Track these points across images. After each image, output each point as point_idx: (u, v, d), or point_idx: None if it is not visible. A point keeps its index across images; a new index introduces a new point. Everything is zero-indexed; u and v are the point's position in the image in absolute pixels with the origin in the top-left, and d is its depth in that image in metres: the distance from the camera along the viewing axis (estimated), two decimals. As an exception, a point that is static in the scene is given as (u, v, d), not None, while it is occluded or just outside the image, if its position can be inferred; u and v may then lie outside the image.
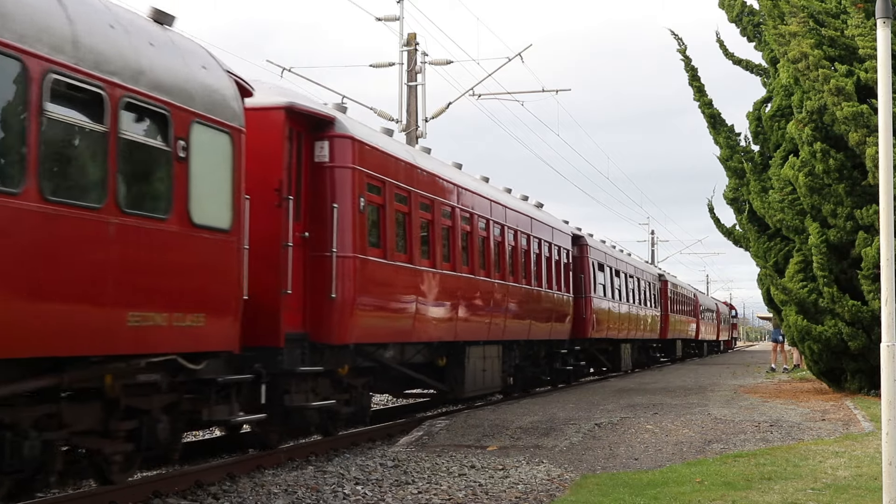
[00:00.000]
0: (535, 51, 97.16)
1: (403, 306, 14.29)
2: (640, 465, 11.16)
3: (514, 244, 19.66)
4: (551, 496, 9.30)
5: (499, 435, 13.70)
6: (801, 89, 20.50)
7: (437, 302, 15.46)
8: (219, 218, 9.38)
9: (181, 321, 8.80)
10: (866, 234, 19.33)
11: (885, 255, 7.53)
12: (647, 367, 38.12)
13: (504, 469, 10.77)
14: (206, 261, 9.24)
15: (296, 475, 10.55)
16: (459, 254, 16.52)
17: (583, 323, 25.10)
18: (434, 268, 15.36)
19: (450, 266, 16.10)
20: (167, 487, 9.53)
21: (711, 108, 24.61)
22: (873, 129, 17.60)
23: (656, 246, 71.50)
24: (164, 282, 8.59)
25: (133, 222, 8.14)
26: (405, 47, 26.41)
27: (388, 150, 14.00)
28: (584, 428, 14.37)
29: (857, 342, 19.94)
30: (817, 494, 8.96)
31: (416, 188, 14.81)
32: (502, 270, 18.70)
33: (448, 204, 16.18)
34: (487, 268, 17.87)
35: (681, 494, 9.00)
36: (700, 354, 56.05)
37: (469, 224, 17.12)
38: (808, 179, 20.02)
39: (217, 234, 9.34)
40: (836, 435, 13.67)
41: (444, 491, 9.47)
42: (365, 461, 11.40)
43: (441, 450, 12.40)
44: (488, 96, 29.18)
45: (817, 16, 20.51)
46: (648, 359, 38.92)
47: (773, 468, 10.52)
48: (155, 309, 8.43)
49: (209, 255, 9.26)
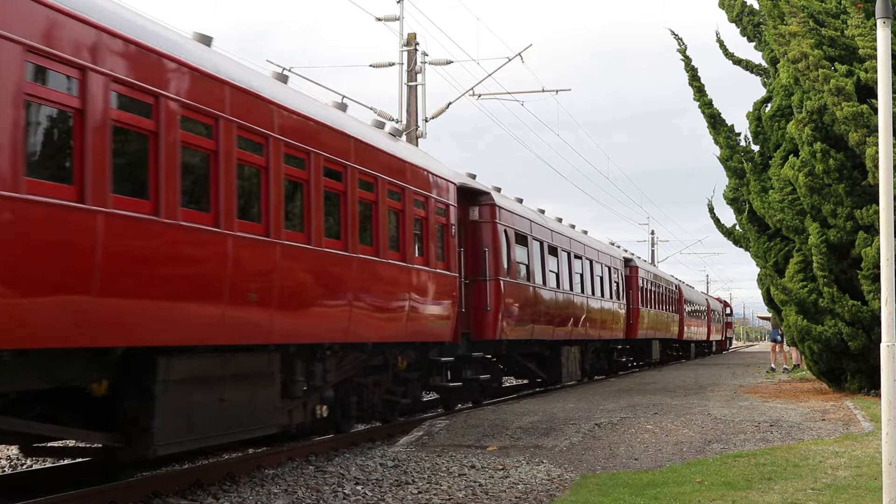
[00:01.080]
0: (535, 51, 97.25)
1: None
2: (640, 465, 11.16)
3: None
4: (551, 496, 9.30)
5: (499, 435, 13.70)
6: (801, 89, 20.50)
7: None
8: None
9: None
10: (866, 234, 19.33)
11: (885, 255, 7.53)
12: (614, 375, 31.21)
13: (504, 469, 10.77)
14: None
15: (296, 475, 10.56)
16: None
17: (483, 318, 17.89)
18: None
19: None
20: (167, 487, 9.53)
21: (711, 108, 24.61)
22: (873, 129, 17.60)
23: (656, 246, 71.59)
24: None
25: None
26: (405, 47, 26.41)
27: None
28: (584, 428, 14.36)
29: (857, 342, 19.93)
30: (817, 494, 8.96)
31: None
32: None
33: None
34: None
35: (681, 494, 9.00)
36: (686, 357, 50.22)
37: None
38: (808, 179, 20.02)
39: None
40: (836, 435, 13.67)
41: (444, 491, 9.47)
42: (365, 461, 11.40)
43: (441, 450, 12.40)
44: (488, 96, 29.20)
45: (817, 16, 20.51)
46: (611, 364, 30.99)
47: (773, 468, 10.51)
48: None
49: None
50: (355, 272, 12.38)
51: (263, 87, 10.69)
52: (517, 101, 29.82)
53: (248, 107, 10.15)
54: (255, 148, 10.28)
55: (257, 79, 10.80)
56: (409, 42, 26.46)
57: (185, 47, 9.47)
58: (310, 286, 11.45)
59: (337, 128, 12.18)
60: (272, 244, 10.42)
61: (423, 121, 26.50)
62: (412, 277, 14.23)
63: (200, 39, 10.15)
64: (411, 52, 26.42)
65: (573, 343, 24.39)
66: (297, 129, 11.13)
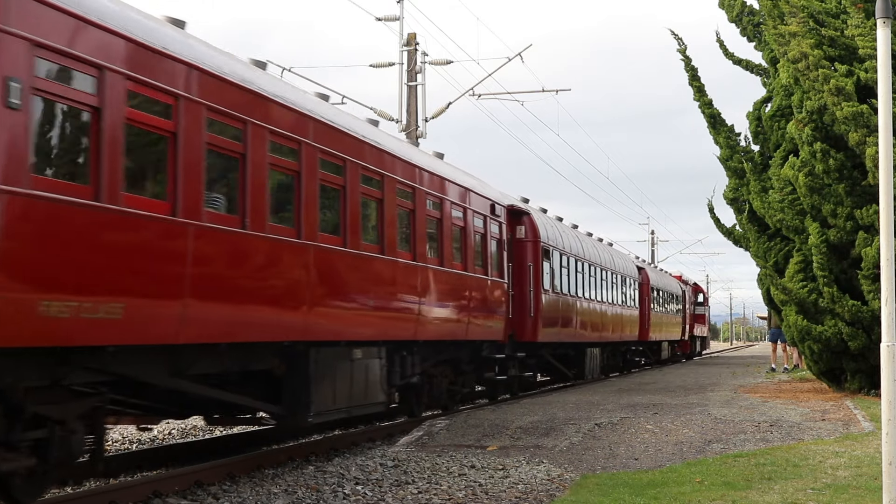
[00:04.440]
0: (535, 51, 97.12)
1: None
2: (640, 465, 11.16)
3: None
4: (551, 496, 9.30)
5: (499, 435, 13.70)
6: (801, 89, 20.49)
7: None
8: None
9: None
10: (866, 234, 19.33)
11: (885, 255, 7.53)
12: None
13: (504, 469, 10.77)
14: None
15: (296, 475, 10.56)
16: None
17: None
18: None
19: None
20: (167, 487, 9.54)
21: (711, 108, 24.62)
22: (873, 129, 17.60)
23: (656, 246, 71.56)
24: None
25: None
26: (405, 47, 26.41)
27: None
28: (584, 428, 14.36)
29: (857, 342, 19.94)
30: (817, 494, 8.96)
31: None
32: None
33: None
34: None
35: (681, 494, 9.00)
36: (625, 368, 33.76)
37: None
38: (808, 179, 20.02)
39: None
40: (836, 435, 13.67)
41: (444, 491, 9.47)
42: (365, 461, 11.39)
43: (441, 450, 12.39)
44: (488, 96, 29.18)
45: (817, 16, 20.51)
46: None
47: (773, 468, 10.51)
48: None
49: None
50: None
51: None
52: (517, 101, 29.82)
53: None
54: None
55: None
56: (409, 42, 26.46)
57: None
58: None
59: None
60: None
61: (423, 121, 26.50)
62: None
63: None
64: (411, 52, 26.41)
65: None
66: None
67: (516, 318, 19.84)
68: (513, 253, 20.03)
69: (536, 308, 20.47)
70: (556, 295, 22.49)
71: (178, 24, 9.72)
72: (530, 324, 20.29)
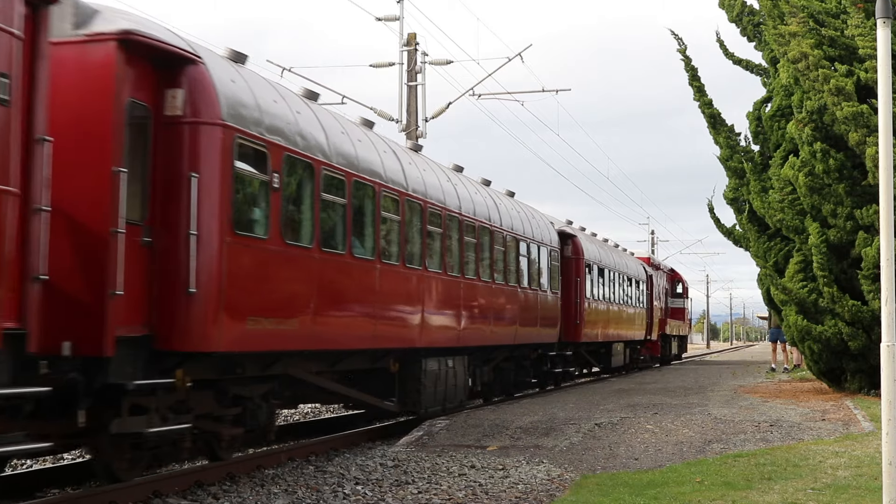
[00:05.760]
0: (534, 50, 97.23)
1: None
2: (640, 465, 11.16)
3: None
4: (551, 496, 9.30)
5: (499, 435, 13.70)
6: (801, 89, 20.50)
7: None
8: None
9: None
10: (866, 234, 19.33)
11: (885, 255, 7.53)
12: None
13: (504, 469, 10.77)
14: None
15: (296, 475, 10.56)
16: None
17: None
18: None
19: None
20: (167, 487, 9.54)
21: (711, 107, 24.61)
22: (873, 129, 17.60)
23: (656, 246, 71.49)
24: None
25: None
26: (405, 47, 26.40)
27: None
28: (584, 428, 14.37)
29: (857, 342, 19.94)
30: (817, 494, 8.96)
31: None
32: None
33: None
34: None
35: (681, 494, 9.00)
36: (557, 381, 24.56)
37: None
38: (808, 179, 20.02)
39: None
40: (836, 435, 13.67)
41: (444, 491, 9.47)
42: (365, 461, 11.40)
43: (441, 450, 12.40)
44: (488, 96, 29.16)
45: (817, 16, 20.51)
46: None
47: (773, 468, 10.52)
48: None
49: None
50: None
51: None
52: (517, 101, 29.78)
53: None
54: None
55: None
56: (408, 42, 26.45)
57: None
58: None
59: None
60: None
61: (423, 121, 26.49)
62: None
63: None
64: (411, 52, 26.40)
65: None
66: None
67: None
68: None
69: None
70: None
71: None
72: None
